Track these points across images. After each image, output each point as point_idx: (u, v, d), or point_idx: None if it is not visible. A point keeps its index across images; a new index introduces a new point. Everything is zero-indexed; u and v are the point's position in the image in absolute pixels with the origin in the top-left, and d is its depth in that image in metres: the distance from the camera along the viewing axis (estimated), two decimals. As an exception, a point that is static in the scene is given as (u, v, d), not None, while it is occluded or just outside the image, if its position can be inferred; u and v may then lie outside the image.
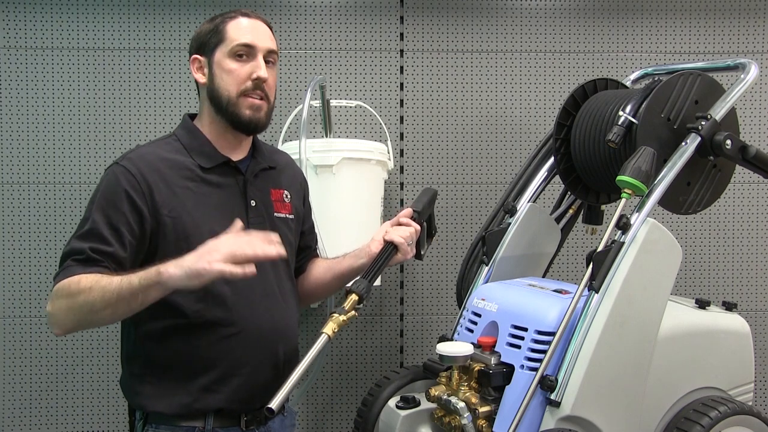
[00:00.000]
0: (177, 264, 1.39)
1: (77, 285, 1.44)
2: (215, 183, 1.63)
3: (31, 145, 2.61)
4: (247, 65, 1.61)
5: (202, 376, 1.56)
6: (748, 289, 2.79)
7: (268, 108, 1.66)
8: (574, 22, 2.73)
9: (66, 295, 1.46)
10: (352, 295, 1.58)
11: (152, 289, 1.40)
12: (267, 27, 1.67)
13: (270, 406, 1.37)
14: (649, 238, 1.65)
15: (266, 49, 1.64)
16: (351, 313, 1.55)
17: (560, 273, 2.70)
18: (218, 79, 1.62)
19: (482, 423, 1.62)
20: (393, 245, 1.71)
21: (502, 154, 2.73)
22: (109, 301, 1.41)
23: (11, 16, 2.60)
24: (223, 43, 1.62)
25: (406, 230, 1.73)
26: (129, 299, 1.41)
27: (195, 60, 1.66)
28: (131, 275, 1.42)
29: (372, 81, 2.69)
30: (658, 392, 1.68)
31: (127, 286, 1.40)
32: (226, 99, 1.62)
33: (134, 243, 1.53)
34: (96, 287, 1.42)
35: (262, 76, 1.61)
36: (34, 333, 2.62)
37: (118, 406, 2.64)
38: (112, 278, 1.43)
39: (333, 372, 2.71)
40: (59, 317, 1.49)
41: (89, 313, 1.45)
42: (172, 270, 1.38)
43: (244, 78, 1.61)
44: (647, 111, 1.75)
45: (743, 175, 2.61)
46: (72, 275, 1.47)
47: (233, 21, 1.63)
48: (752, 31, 2.76)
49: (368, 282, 1.63)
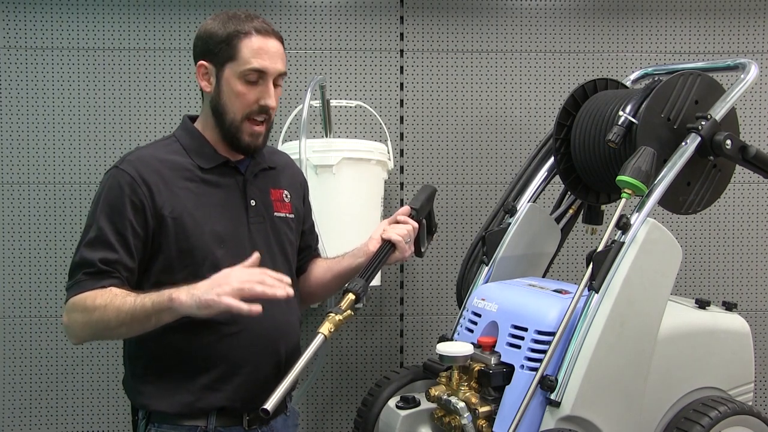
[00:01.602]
0: (189, 292, 1.41)
1: (92, 302, 1.48)
2: (215, 183, 1.63)
3: (31, 145, 2.61)
4: (256, 90, 1.59)
5: (204, 375, 1.57)
6: (748, 289, 2.79)
7: (266, 130, 1.66)
8: (574, 22, 2.73)
9: (81, 310, 1.50)
10: (348, 294, 1.58)
11: (164, 313, 1.44)
12: (280, 44, 1.63)
13: (265, 407, 1.37)
14: (649, 238, 1.65)
15: (277, 72, 1.61)
16: (347, 312, 1.54)
17: (560, 273, 2.70)
18: (225, 97, 1.61)
19: (482, 423, 1.62)
20: (390, 243, 1.71)
21: (502, 154, 2.73)
22: (123, 321, 1.46)
23: (11, 16, 2.60)
24: (235, 62, 1.58)
25: (403, 228, 1.72)
26: (143, 320, 1.45)
27: (201, 66, 1.63)
28: (145, 297, 1.45)
29: (372, 81, 2.69)
30: (658, 392, 1.68)
31: (141, 308, 1.44)
32: (230, 120, 1.61)
33: (140, 247, 1.55)
34: (110, 306, 1.46)
35: (270, 105, 1.60)
36: (34, 333, 2.62)
37: (119, 406, 2.64)
38: (126, 298, 1.46)
39: (333, 372, 2.71)
40: (75, 330, 1.54)
41: (104, 330, 1.50)
42: (184, 298, 1.41)
43: (252, 102, 1.60)
44: (647, 111, 1.75)
45: (743, 175, 2.61)
46: (85, 290, 1.50)
47: (247, 39, 1.58)
48: (752, 31, 2.76)
49: (365, 281, 1.62)
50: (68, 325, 1.54)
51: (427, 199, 1.82)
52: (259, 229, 1.66)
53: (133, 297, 1.46)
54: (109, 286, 1.50)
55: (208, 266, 1.56)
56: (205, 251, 1.57)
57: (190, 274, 1.55)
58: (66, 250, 2.61)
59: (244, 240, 1.63)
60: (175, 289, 1.43)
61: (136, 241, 1.54)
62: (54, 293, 2.62)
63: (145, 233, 1.55)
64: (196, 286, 1.42)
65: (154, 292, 1.45)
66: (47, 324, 2.62)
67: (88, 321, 1.49)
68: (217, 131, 1.65)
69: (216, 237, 1.59)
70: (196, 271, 1.56)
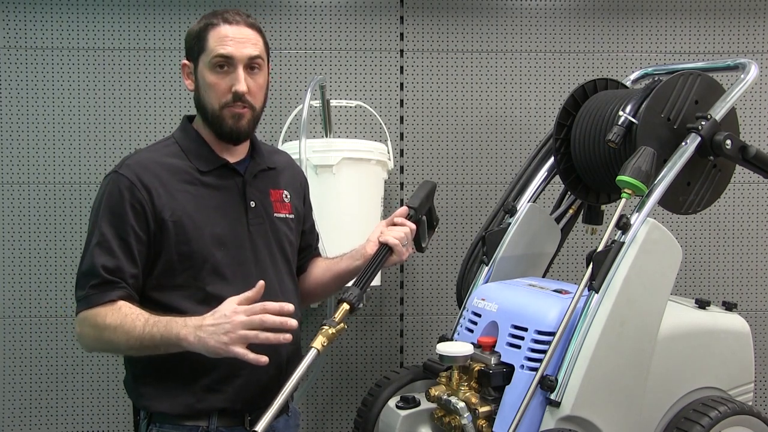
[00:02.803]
0: (195, 335, 1.44)
1: (103, 320, 1.50)
2: (214, 186, 1.63)
3: (31, 145, 2.61)
4: (227, 78, 1.58)
5: (205, 376, 1.57)
6: (748, 289, 2.79)
7: (252, 115, 1.63)
8: (574, 22, 2.73)
9: (92, 326, 1.53)
10: (343, 304, 1.56)
11: (171, 347, 1.48)
12: (252, 30, 1.61)
13: (256, 429, 1.36)
14: (649, 238, 1.65)
15: (246, 57, 1.59)
16: (341, 326, 1.53)
17: (560, 273, 2.70)
18: (202, 91, 1.62)
19: (482, 423, 1.63)
20: (387, 247, 1.69)
21: (502, 154, 2.73)
22: (132, 346, 1.50)
23: (11, 16, 2.60)
24: (204, 53, 1.59)
25: (400, 231, 1.70)
26: (151, 348, 1.49)
27: (185, 65, 1.66)
28: (153, 326, 1.47)
29: (372, 81, 2.69)
30: (658, 392, 1.68)
31: (149, 338, 1.47)
32: (210, 111, 1.62)
33: (143, 251, 1.56)
34: (120, 330, 1.49)
35: (240, 90, 1.58)
36: (34, 333, 2.62)
37: (119, 406, 2.64)
38: (135, 322, 1.48)
39: (333, 372, 2.71)
40: (87, 342, 1.59)
41: (114, 349, 1.58)
42: (192, 339, 1.44)
43: (225, 91, 1.59)
44: (647, 111, 1.75)
45: (743, 175, 2.61)
46: (94, 305, 1.52)
47: (214, 29, 1.59)
48: (752, 31, 2.76)
49: (360, 290, 1.59)
50: (80, 336, 1.57)
51: (426, 197, 1.80)
52: (258, 231, 1.66)
53: (142, 322, 1.48)
54: (117, 298, 1.51)
55: (209, 269, 1.57)
56: (205, 254, 1.57)
57: (191, 276, 1.56)
58: (66, 250, 2.61)
59: (244, 242, 1.63)
60: (182, 325, 1.45)
61: (140, 245, 1.54)
62: (54, 293, 2.62)
63: (147, 237, 1.55)
64: (202, 326, 1.43)
65: (162, 320, 1.47)
66: (47, 324, 2.62)
67: (98, 338, 1.53)
68: (207, 127, 1.65)
69: (216, 239, 1.59)
70: (197, 274, 1.56)
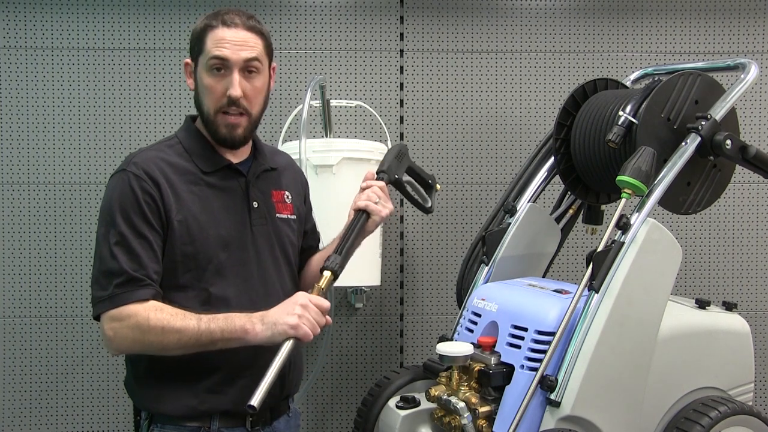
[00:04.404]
0: (263, 321, 1.47)
1: (146, 322, 1.47)
2: (218, 186, 1.63)
3: (31, 145, 2.61)
4: (223, 81, 1.57)
5: (207, 378, 1.56)
6: (748, 289, 2.79)
7: (248, 121, 1.62)
8: (574, 22, 2.73)
9: (131, 327, 1.48)
10: (325, 272, 1.56)
11: (234, 342, 1.48)
12: (251, 33, 1.59)
13: (251, 403, 1.37)
14: (649, 238, 1.65)
15: (242, 60, 1.57)
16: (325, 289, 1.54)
17: (560, 273, 2.70)
18: (199, 92, 1.62)
19: (482, 423, 1.62)
20: (362, 211, 1.68)
21: (502, 154, 2.73)
22: (186, 345, 1.48)
23: (11, 16, 2.60)
24: (202, 54, 1.59)
25: (368, 191, 1.69)
26: (207, 344, 1.48)
27: (187, 65, 1.65)
28: (210, 322, 1.47)
29: (372, 81, 2.69)
30: (658, 392, 1.68)
31: (207, 335, 1.47)
32: (206, 114, 1.61)
33: (161, 245, 1.54)
34: (169, 329, 1.46)
35: (234, 95, 1.56)
36: (34, 333, 2.62)
37: (119, 406, 2.64)
38: (185, 321, 1.47)
39: (333, 372, 2.71)
40: (120, 345, 1.52)
41: (159, 350, 1.50)
42: (259, 328, 1.46)
43: (220, 95, 1.58)
44: (647, 111, 1.75)
45: (743, 175, 2.61)
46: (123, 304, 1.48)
47: (212, 31, 1.57)
48: (752, 31, 2.76)
49: (342, 257, 1.58)
50: (111, 339, 1.50)
51: (395, 157, 1.76)
52: (261, 232, 1.66)
53: (194, 321, 1.47)
54: (149, 297, 1.49)
55: (212, 270, 1.57)
56: (209, 255, 1.57)
57: (194, 277, 1.56)
58: (66, 250, 2.62)
59: (248, 243, 1.63)
60: (245, 318, 1.47)
61: (158, 239, 1.54)
62: (54, 293, 2.62)
63: (163, 231, 1.55)
64: (268, 313, 1.47)
65: (218, 316, 1.48)
66: (47, 324, 2.62)
67: (140, 340, 1.48)
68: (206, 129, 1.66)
69: (220, 241, 1.59)
70: (200, 275, 1.56)
